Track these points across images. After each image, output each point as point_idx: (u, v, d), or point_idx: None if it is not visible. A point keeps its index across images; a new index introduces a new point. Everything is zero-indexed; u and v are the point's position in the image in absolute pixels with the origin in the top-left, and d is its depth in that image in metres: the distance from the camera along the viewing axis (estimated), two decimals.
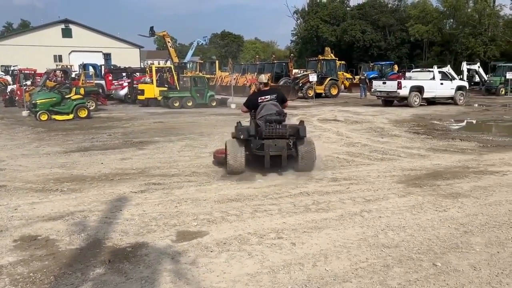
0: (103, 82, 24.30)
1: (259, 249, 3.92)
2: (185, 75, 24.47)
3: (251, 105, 7.51)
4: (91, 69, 26.45)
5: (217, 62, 39.85)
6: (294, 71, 32.20)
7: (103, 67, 29.17)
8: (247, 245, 4.01)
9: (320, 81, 26.51)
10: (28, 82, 22.23)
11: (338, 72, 30.46)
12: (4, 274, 3.39)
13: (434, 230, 4.39)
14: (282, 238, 4.17)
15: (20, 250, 3.89)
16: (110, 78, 24.64)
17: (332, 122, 13.95)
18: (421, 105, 19.58)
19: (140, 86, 21.60)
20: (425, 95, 19.70)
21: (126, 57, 49.33)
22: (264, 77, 7.90)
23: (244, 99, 8.43)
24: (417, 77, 20.88)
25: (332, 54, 31.09)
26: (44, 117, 14.56)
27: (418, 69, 25.29)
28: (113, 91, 24.04)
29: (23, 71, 25.60)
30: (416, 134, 11.24)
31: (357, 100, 25.23)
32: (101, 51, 47.42)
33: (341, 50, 46.73)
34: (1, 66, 42.82)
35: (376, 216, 4.84)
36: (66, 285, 3.21)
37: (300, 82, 26.29)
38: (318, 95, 25.94)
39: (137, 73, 26.34)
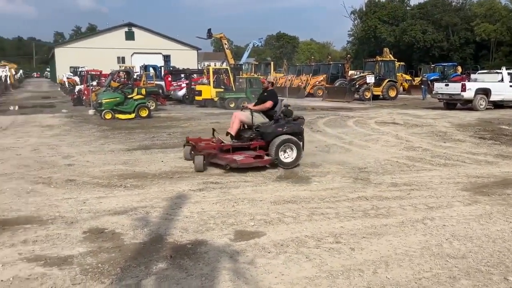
0: (162, 83, 25.16)
1: (317, 252, 3.87)
2: (240, 76, 24.78)
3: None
4: (151, 70, 27.49)
5: (272, 63, 39.98)
6: (350, 72, 31.66)
7: (162, 68, 30.24)
8: (305, 248, 3.98)
9: (377, 83, 25.79)
10: (94, 83, 23.51)
11: (397, 74, 29.50)
12: (75, 263, 3.60)
13: (505, 242, 4.12)
14: (340, 243, 4.10)
15: (89, 241, 4.11)
16: (169, 79, 25.48)
17: (390, 125, 13.53)
18: (487, 108, 18.48)
19: (198, 87, 22.16)
20: (492, 98, 18.54)
21: (184, 58, 50.90)
22: (272, 78, 8.96)
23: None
24: (483, 79, 19.73)
25: (390, 55, 30.17)
26: (108, 116, 15.33)
27: (485, 71, 23.89)
28: (172, 92, 24.83)
29: (90, 72, 27.14)
30: (482, 139, 10.63)
31: (417, 102, 24.29)
32: (161, 53, 49.24)
33: (400, 51, 45.28)
34: (70, 67, 45.66)
35: (440, 224, 4.62)
36: (131, 277, 3.35)
37: (357, 83, 25.74)
38: (375, 97, 25.26)
39: (195, 75, 27.05)
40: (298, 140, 7.51)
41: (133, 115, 15.66)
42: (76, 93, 23.97)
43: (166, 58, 33.83)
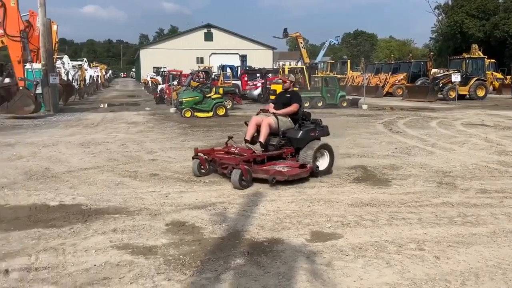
0: (239, 82, 25.69)
1: (398, 258, 3.70)
2: (316, 75, 24.54)
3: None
4: (228, 70, 28.20)
5: (348, 61, 39.12)
6: (433, 70, 29.93)
7: (239, 68, 30.87)
8: (385, 253, 3.83)
9: (464, 82, 24.12)
10: (175, 82, 24.64)
11: (487, 72, 27.36)
12: (159, 254, 3.79)
13: None
14: (423, 250, 3.88)
15: (171, 233, 4.31)
16: (245, 78, 25.94)
17: (478, 127, 12.58)
18: None
19: (273, 86, 22.26)
20: None
21: (260, 58, 51.61)
22: (293, 76, 8.06)
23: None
24: None
25: (479, 52, 28.06)
26: (188, 114, 15.99)
27: None
28: (247, 91, 25.28)
29: (171, 72, 28.52)
30: None
31: (509, 102, 22.34)
32: (237, 53, 50.27)
33: (490, 48, 41.86)
34: (153, 67, 48.33)
35: None
36: (211, 270, 3.45)
37: (440, 82, 24.30)
38: (461, 97, 23.63)
39: (270, 74, 27.28)
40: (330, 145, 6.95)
41: (211, 114, 16.17)
42: (159, 92, 25.30)
43: (243, 58, 34.46)
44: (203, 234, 4.29)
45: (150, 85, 35.03)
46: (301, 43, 34.13)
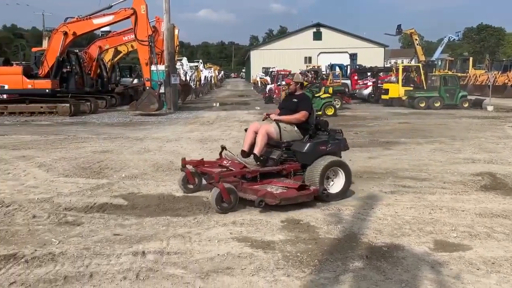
0: (348, 81, 25.19)
1: None
2: (433, 73, 22.97)
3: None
4: (337, 69, 27.80)
5: (470, 59, 35.86)
6: None
7: (348, 67, 30.25)
8: None
9: None
10: (284, 82, 25.01)
11: None
12: (277, 249, 3.88)
13: None
14: None
15: (287, 230, 4.39)
16: (355, 77, 25.34)
17: None
18: None
19: (385, 86, 21.46)
20: None
21: (371, 56, 49.93)
22: (300, 77, 6.37)
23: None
24: None
25: None
26: None
27: None
28: (357, 90, 24.66)
29: (280, 72, 29.01)
30: None
31: None
32: (347, 52, 49.30)
33: None
34: (262, 68, 49.65)
35: None
36: (329, 271, 3.44)
37: None
38: None
39: (381, 73, 26.24)
40: (346, 163, 5.59)
41: (319, 113, 16.08)
42: (268, 91, 25.93)
43: (353, 57, 33.63)
44: (319, 234, 4.28)
45: (259, 85, 36.07)
46: (416, 40, 32.19)
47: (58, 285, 3.22)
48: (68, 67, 18.99)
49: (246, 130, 6.03)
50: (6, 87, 17.47)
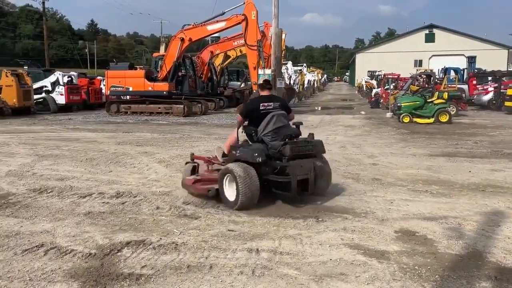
0: (465, 86, 23.25)
1: None
2: None
3: (251, 115, 5.80)
4: (452, 73, 25.80)
5: None
6: None
7: (465, 70, 27.94)
8: None
9: None
10: (392, 86, 23.99)
11: None
12: (392, 260, 3.73)
13: None
14: None
15: (402, 241, 4.19)
16: (474, 82, 23.29)
17: None
18: None
19: (509, 91, 19.36)
20: None
21: (492, 59, 45.51)
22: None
23: None
24: None
25: None
26: (406, 120, 15.32)
27: None
28: (475, 96, 22.65)
29: (387, 76, 27.84)
30: None
31: None
32: (463, 54, 45.55)
33: None
34: (368, 71, 48.14)
35: None
36: None
37: None
38: None
39: (505, 78, 23.72)
40: (241, 171, 5.03)
41: (432, 120, 15.11)
42: (373, 96, 25.07)
43: (471, 60, 30.82)
44: (438, 248, 4.02)
45: (364, 89, 35.05)
46: None
47: (183, 272, 3.48)
48: (183, 71, 20.44)
49: None
50: (131, 89, 19.44)
